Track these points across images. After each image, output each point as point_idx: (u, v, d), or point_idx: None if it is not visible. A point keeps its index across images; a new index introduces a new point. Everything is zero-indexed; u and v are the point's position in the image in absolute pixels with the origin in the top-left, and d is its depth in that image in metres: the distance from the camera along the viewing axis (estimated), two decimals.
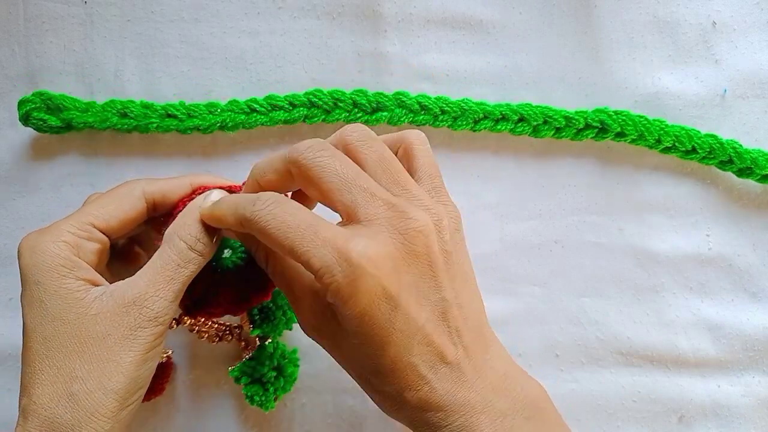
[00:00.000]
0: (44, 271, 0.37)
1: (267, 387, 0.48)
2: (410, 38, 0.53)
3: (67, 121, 0.50)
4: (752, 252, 0.53)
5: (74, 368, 0.35)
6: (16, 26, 0.51)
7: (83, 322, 0.36)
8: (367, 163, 0.37)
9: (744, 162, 0.52)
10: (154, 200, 0.42)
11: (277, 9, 0.52)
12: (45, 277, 0.37)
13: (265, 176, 0.38)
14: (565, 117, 0.51)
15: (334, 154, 0.36)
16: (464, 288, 0.37)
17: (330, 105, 0.51)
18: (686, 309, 0.53)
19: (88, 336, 0.36)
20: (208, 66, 0.52)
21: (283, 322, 0.48)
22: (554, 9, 0.53)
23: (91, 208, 0.41)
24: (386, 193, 0.35)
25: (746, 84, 0.53)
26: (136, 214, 0.42)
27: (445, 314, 0.35)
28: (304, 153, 0.36)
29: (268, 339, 0.49)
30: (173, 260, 0.38)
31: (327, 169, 0.35)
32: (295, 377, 0.50)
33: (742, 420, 0.53)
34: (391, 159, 0.37)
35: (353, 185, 0.35)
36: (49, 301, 0.36)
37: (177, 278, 0.38)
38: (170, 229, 0.39)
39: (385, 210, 0.34)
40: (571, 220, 0.53)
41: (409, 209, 0.35)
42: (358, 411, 0.52)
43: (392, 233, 0.34)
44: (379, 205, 0.34)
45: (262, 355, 0.48)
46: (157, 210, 0.43)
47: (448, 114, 0.51)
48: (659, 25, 0.53)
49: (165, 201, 0.43)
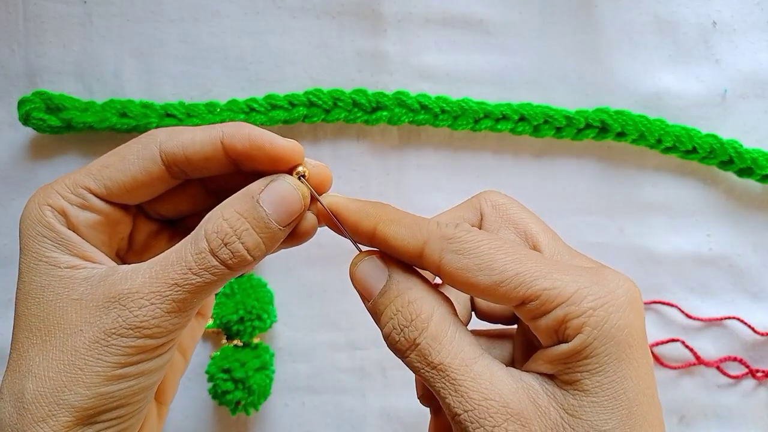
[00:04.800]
0: (27, 237, 0.30)
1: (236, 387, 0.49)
2: (410, 38, 0.52)
3: (66, 120, 0.50)
4: (752, 252, 0.53)
5: (33, 361, 0.28)
6: (15, 26, 0.51)
7: (59, 305, 0.29)
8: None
9: (744, 162, 0.52)
10: (176, 163, 0.31)
11: (276, 9, 0.52)
12: (27, 245, 0.30)
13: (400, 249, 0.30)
14: (566, 117, 0.51)
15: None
16: None
17: (329, 104, 0.51)
18: (686, 309, 0.53)
19: (59, 325, 0.28)
20: (207, 65, 0.52)
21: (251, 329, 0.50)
22: (554, 9, 0.53)
23: (92, 166, 0.32)
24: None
25: (747, 84, 0.53)
26: (148, 178, 0.31)
27: None
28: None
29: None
30: (186, 261, 0.29)
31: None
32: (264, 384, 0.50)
33: (742, 420, 0.53)
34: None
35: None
36: (25, 273, 0.30)
37: (183, 286, 0.29)
38: (206, 217, 0.30)
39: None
40: (572, 220, 0.53)
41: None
42: (358, 411, 0.52)
43: None
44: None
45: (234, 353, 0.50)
46: (187, 174, 0.32)
47: (448, 113, 0.51)
48: (659, 24, 0.53)
49: (190, 163, 0.31)
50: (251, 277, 0.51)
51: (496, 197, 0.33)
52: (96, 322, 0.28)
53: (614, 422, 0.26)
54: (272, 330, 0.52)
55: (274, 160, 0.31)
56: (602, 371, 0.26)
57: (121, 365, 0.28)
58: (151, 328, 0.28)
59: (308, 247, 0.52)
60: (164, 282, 0.29)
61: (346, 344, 0.52)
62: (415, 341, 0.28)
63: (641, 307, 0.28)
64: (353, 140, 0.53)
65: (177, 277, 0.29)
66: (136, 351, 0.28)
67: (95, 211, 0.31)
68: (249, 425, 0.52)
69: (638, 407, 0.26)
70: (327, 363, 0.52)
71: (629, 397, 0.26)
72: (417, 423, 0.52)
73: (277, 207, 0.30)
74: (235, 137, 0.31)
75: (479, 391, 0.27)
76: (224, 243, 0.29)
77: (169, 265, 0.29)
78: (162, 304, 0.28)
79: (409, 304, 0.29)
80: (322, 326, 0.52)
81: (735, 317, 0.53)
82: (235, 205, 0.30)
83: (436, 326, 0.28)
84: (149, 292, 0.28)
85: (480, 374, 0.27)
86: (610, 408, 0.26)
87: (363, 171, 0.53)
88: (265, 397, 0.50)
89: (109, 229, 0.32)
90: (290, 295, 0.52)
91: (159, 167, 0.31)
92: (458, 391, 0.27)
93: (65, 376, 0.28)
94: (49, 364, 0.28)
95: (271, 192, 0.30)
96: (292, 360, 0.52)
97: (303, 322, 0.52)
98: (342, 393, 0.52)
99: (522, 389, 0.27)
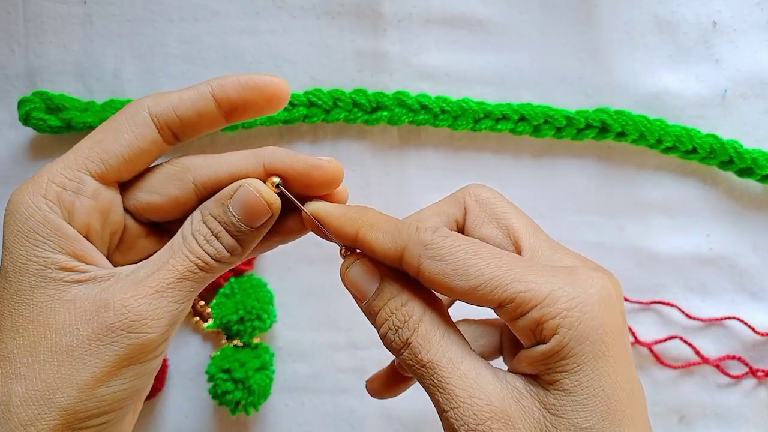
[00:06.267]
0: (14, 234, 0.29)
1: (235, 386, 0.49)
2: (410, 37, 0.52)
3: (66, 120, 0.50)
4: (752, 252, 0.53)
5: (21, 362, 0.28)
6: (15, 26, 0.51)
7: (51, 306, 0.28)
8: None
9: (744, 162, 0.52)
10: (168, 124, 0.31)
11: (276, 8, 0.52)
12: (14, 243, 0.29)
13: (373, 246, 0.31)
14: (566, 117, 0.51)
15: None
16: None
17: (329, 104, 0.51)
18: (686, 309, 0.53)
19: (50, 326, 0.28)
20: (207, 65, 0.52)
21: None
22: (554, 9, 0.53)
23: (81, 147, 0.30)
24: None
25: (747, 84, 0.53)
26: (144, 144, 0.31)
27: None
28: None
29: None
30: (177, 260, 0.30)
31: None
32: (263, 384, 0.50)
33: (742, 420, 0.53)
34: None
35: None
36: (12, 272, 0.28)
37: (176, 285, 0.30)
38: (187, 221, 0.32)
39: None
40: (572, 220, 0.53)
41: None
42: (358, 411, 0.52)
43: None
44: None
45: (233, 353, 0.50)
46: (178, 139, 0.32)
47: (448, 113, 0.51)
48: (660, 24, 0.53)
49: (183, 123, 0.31)
50: (251, 277, 0.51)
51: (480, 191, 0.34)
52: (90, 322, 0.28)
53: (594, 419, 0.27)
54: (272, 330, 0.52)
55: (269, 99, 0.32)
56: (580, 371, 0.27)
57: (116, 367, 0.28)
58: (149, 327, 0.29)
59: (308, 247, 0.53)
60: (160, 279, 0.29)
61: (346, 344, 0.52)
62: (408, 341, 0.29)
63: (616, 303, 0.29)
64: (353, 140, 0.53)
65: (170, 274, 0.30)
66: (131, 351, 0.28)
67: (90, 195, 0.30)
68: (249, 425, 0.52)
69: (617, 402, 0.27)
70: (327, 363, 0.52)
71: (607, 393, 0.27)
72: (417, 423, 0.52)
73: (244, 212, 0.31)
74: (225, 86, 0.31)
75: (465, 389, 0.28)
76: (207, 241, 0.30)
77: (162, 262, 0.30)
78: (158, 301, 0.29)
79: (402, 306, 0.30)
80: (322, 326, 0.52)
81: (735, 317, 0.53)
82: (210, 209, 0.31)
83: (426, 327, 0.29)
84: (146, 290, 0.29)
85: (466, 373, 0.28)
86: (589, 406, 0.27)
87: (363, 171, 0.53)
88: (265, 397, 0.50)
89: (102, 217, 0.31)
90: (290, 295, 0.52)
91: (153, 131, 0.31)
92: (445, 389, 0.28)
93: (57, 377, 0.27)
94: (39, 366, 0.27)
95: (238, 198, 0.31)
96: (292, 360, 0.52)
97: (303, 322, 0.52)
98: (342, 393, 0.52)
99: (506, 389, 0.28)
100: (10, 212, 0.29)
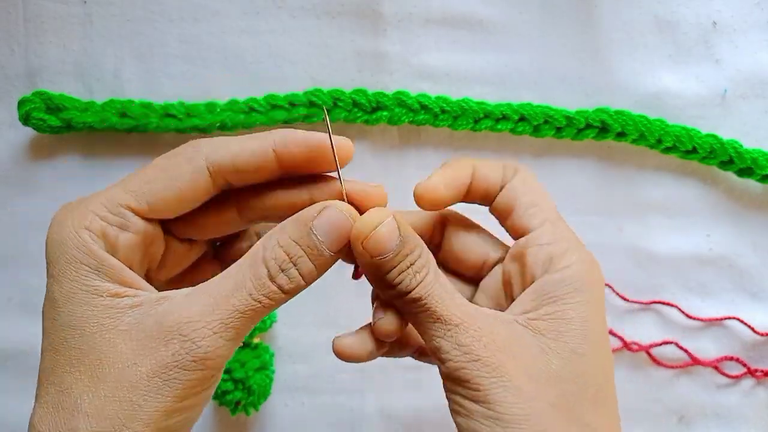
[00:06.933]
0: (61, 265, 0.28)
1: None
2: (410, 38, 0.52)
3: (66, 120, 0.50)
4: (752, 252, 0.53)
5: (81, 398, 0.27)
6: (15, 26, 0.51)
7: (106, 337, 0.27)
8: None
9: (744, 162, 0.52)
10: (223, 173, 0.31)
11: (276, 8, 0.52)
12: (61, 272, 0.28)
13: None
14: (566, 117, 0.51)
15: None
16: None
17: (329, 104, 0.51)
18: (686, 309, 0.53)
19: (107, 359, 0.27)
20: (207, 66, 0.52)
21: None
22: (554, 9, 0.53)
23: (130, 182, 0.30)
24: None
25: (747, 84, 0.53)
26: (194, 193, 0.31)
27: None
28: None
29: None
30: (246, 287, 0.29)
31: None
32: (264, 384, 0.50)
33: (742, 420, 0.53)
34: None
35: None
36: (63, 302, 0.28)
37: (245, 312, 0.28)
38: (258, 244, 0.30)
39: None
40: (572, 220, 0.53)
41: None
42: (358, 411, 0.52)
43: None
44: None
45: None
46: (232, 184, 0.32)
47: (448, 113, 0.51)
48: (660, 24, 0.53)
49: (239, 173, 0.31)
50: None
51: (533, 180, 0.38)
52: (153, 354, 0.27)
53: (578, 339, 0.31)
54: (272, 330, 0.52)
55: (331, 162, 0.32)
56: (569, 308, 0.31)
57: (181, 399, 0.27)
58: (215, 358, 0.28)
59: None
60: (225, 309, 0.28)
61: None
62: (424, 278, 0.31)
63: (601, 278, 0.34)
64: (353, 140, 0.53)
65: (238, 304, 0.28)
66: (196, 383, 0.28)
67: (134, 231, 0.30)
68: (249, 425, 0.52)
69: (594, 328, 0.32)
70: (327, 363, 0.52)
71: (590, 326, 0.32)
72: (417, 423, 0.52)
73: (330, 234, 0.30)
74: (289, 145, 0.31)
75: (472, 325, 0.30)
76: (281, 269, 0.29)
77: (229, 291, 0.28)
78: (224, 332, 0.28)
79: (423, 253, 0.32)
80: (322, 326, 0.52)
81: (735, 317, 0.53)
82: (289, 232, 0.30)
83: (435, 267, 0.32)
84: (212, 321, 0.28)
85: (472, 314, 0.31)
86: (577, 330, 0.31)
87: (363, 171, 0.53)
88: (265, 397, 0.50)
89: (144, 249, 0.31)
90: None
91: (206, 179, 0.30)
92: (442, 316, 0.30)
93: (122, 414, 0.27)
94: (101, 402, 0.27)
95: (324, 219, 0.30)
96: (291, 360, 0.52)
97: (303, 322, 0.52)
98: (342, 393, 0.52)
99: (506, 325, 0.31)
100: (54, 242, 0.29)
